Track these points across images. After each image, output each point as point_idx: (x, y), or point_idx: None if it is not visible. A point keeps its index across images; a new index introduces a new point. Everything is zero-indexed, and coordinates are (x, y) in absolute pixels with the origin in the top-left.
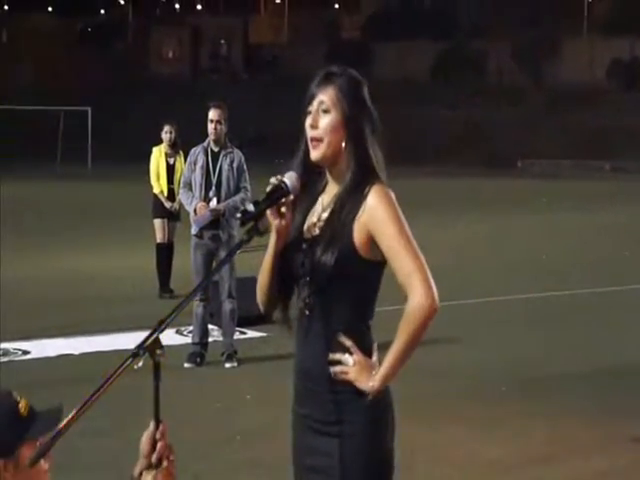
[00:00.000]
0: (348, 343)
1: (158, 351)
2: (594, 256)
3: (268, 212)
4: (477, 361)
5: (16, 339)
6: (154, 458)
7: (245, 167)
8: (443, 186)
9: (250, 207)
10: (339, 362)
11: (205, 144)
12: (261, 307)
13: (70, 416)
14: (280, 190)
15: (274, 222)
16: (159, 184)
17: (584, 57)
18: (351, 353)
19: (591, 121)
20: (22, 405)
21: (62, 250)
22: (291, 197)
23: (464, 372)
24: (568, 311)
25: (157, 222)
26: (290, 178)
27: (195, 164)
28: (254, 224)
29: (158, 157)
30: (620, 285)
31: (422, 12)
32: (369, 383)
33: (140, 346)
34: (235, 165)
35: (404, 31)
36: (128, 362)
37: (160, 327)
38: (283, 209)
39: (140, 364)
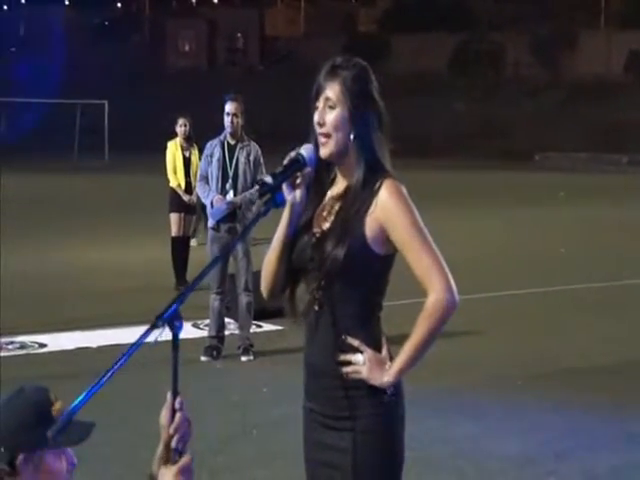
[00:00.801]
0: (356, 343)
1: (177, 323)
2: (612, 249)
3: (284, 185)
4: (493, 355)
5: (33, 332)
6: (174, 442)
7: (262, 160)
8: (459, 179)
9: (268, 179)
10: (350, 362)
11: (222, 137)
12: (264, 293)
13: (85, 394)
14: (297, 163)
15: (289, 196)
16: (176, 177)
17: (601, 50)
18: (361, 351)
19: (608, 114)
20: (56, 408)
21: (80, 243)
22: (308, 169)
23: (480, 366)
24: (586, 305)
25: (173, 216)
26: (307, 150)
27: (212, 157)
28: (271, 196)
29: (174, 151)
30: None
31: (439, 5)
32: (383, 379)
33: (159, 317)
34: (252, 158)
35: (421, 24)
36: (148, 333)
37: (179, 298)
38: (299, 181)
39: (158, 336)
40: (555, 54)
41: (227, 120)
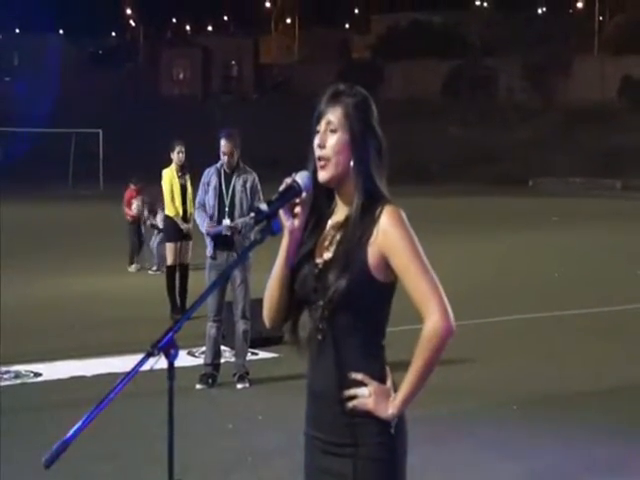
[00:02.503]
0: (360, 377)
1: (172, 351)
2: (606, 275)
3: (281, 212)
4: (489, 380)
5: (28, 361)
6: None
7: (259, 187)
8: (453, 205)
9: (263, 206)
10: (355, 396)
11: (218, 165)
12: (267, 322)
13: (81, 422)
14: (293, 189)
15: (287, 222)
16: (175, 206)
17: (595, 75)
18: (365, 384)
19: (602, 139)
20: None
21: (74, 272)
22: (304, 195)
23: (476, 391)
24: (581, 329)
25: (170, 245)
26: (302, 177)
27: (208, 185)
28: (267, 223)
29: (172, 178)
30: (633, 303)
31: (432, 31)
32: (389, 411)
33: (155, 345)
34: (249, 185)
35: (414, 51)
36: (143, 361)
37: (175, 327)
38: (297, 209)
39: (154, 364)
40: (549, 79)
41: (223, 158)
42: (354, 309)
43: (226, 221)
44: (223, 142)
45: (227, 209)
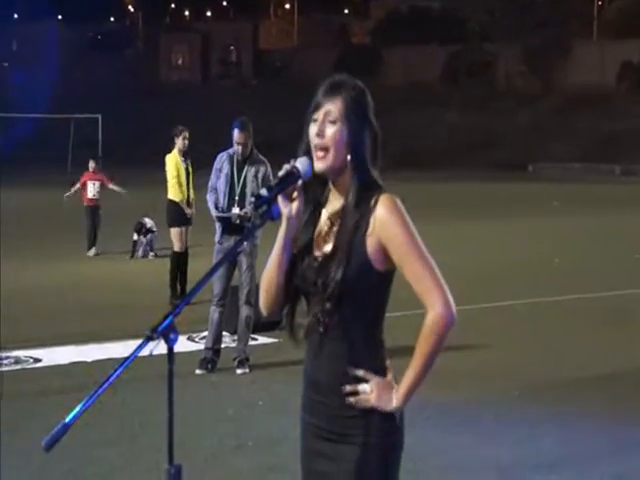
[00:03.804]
0: (360, 373)
1: (171, 335)
2: (606, 259)
3: (279, 198)
4: (489, 365)
5: (27, 347)
6: None
7: (271, 177)
8: (454, 191)
9: (263, 192)
10: (357, 392)
11: (231, 152)
12: (263, 310)
13: (81, 406)
14: (292, 175)
15: (285, 209)
16: (182, 191)
17: (594, 60)
18: (366, 380)
19: (601, 124)
20: None
21: (73, 257)
22: (300, 182)
23: (476, 376)
24: (582, 315)
25: (175, 231)
26: (302, 163)
27: (221, 171)
28: (267, 208)
29: (178, 164)
30: (636, 288)
31: (431, 17)
32: (392, 404)
33: (154, 330)
34: (260, 175)
35: (413, 36)
36: (143, 345)
37: (174, 310)
38: (295, 194)
39: (153, 349)
40: (548, 64)
41: (237, 148)
42: (355, 301)
43: (235, 209)
44: (237, 133)
45: (237, 197)
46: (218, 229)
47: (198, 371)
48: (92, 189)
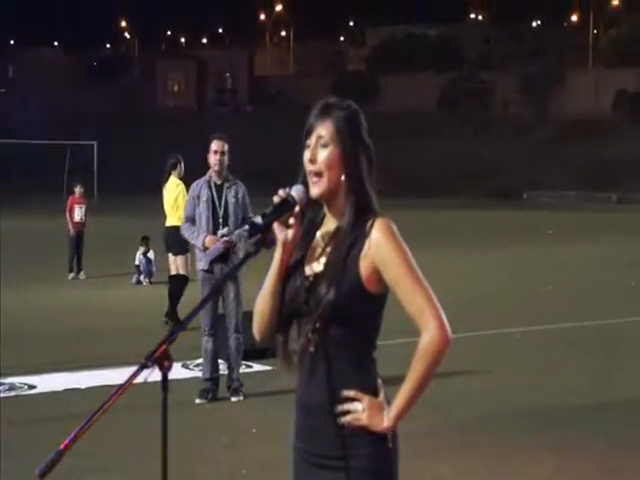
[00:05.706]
0: (352, 393)
1: (166, 363)
2: (600, 287)
3: (275, 225)
4: (482, 393)
5: (22, 374)
6: None
7: (247, 200)
8: (449, 218)
9: (258, 220)
10: (348, 411)
11: (207, 177)
12: (257, 335)
13: (74, 433)
14: (287, 203)
15: (280, 235)
16: None
17: (589, 89)
18: (358, 400)
19: (597, 153)
20: None
21: (68, 284)
22: (297, 209)
23: (469, 404)
24: (577, 343)
25: (182, 259)
26: (297, 191)
27: (199, 198)
28: (261, 236)
29: (182, 190)
30: (630, 316)
31: (427, 44)
32: (384, 425)
33: (149, 357)
34: (240, 196)
35: (409, 63)
36: (137, 372)
37: (169, 338)
38: (290, 221)
39: (148, 376)
40: (544, 93)
41: (214, 158)
42: (346, 321)
43: (222, 230)
44: (214, 142)
45: (221, 220)
46: (204, 257)
47: (198, 401)
48: (79, 212)
